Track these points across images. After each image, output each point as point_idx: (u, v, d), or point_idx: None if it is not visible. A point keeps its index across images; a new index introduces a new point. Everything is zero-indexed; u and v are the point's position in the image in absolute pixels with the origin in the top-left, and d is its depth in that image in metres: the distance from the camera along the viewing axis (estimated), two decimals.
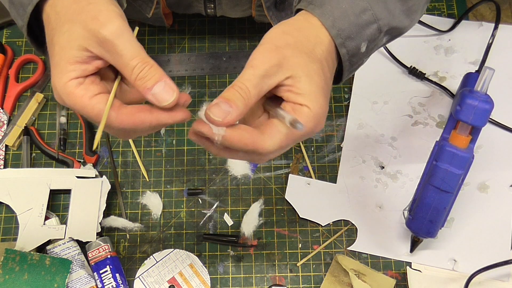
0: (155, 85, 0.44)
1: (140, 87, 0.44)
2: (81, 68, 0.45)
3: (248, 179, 0.81)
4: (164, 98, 0.44)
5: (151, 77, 0.44)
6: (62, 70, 0.45)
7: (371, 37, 0.52)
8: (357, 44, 0.51)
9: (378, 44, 0.55)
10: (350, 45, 0.51)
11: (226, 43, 0.90)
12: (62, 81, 0.45)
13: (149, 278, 0.75)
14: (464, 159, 0.66)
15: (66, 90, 0.45)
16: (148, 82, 0.44)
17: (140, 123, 0.45)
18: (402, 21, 0.56)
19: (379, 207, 0.79)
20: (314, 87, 0.47)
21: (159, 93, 0.44)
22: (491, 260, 0.72)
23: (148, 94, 0.44)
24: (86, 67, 0.45)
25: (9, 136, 0.82)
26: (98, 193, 0.77)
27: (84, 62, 0.45)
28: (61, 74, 0.45)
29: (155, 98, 0.44)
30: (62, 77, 0.45)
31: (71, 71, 0.45)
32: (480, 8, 0.92)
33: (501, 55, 0.86)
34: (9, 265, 0.70)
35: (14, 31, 0.90)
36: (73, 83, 0.45)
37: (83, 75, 0.45)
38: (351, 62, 0.52)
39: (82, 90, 0.45)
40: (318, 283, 0.75)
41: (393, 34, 0.57)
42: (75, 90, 0.45)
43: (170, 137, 0.84)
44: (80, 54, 0.45)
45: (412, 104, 0.84)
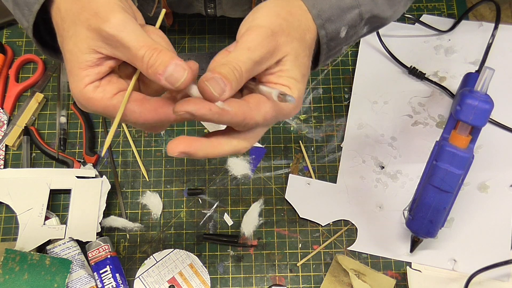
0: (165, 70, 0.43)
1: (152, 76, 0.43)
2: (94, 72, 0.44)
3: (248, 179, 0.81)
4: (176, 78, 0.43)
5: (160, 62, 0.43)
6: (76, 78, 0.44)
7: (352, 23, 0.52)
8: (337, 28, 0.51)
9: (358, 33, 0.55)
10: (330, 28, 0.50)
11: (226, 43, 0.90)
12: (79, 88, 0.44)
13: (149, 278, 0.75)
14: (464, 159, 0.66)
15: (84, 97, 0.44)
16: (159, 68, 0.43)
17: (165, 117, 0.44)
18: (384, 11, 0.56)
19: (379, 207, 0.79)
20: (298, 72, 0.47)
21: (171, 76, 0.43)
22: (491, 260, 0.73)
23: (161, 80, 0.43)
24: (99, 70, 0.44)
25: (9, 136, 0.82)
26: (98, 193, 0.77)
27: (96, 65, 0.44)
28: (76, 81, 0.44)
29: (168, 82, 0.43)
30: (78, 84, 0.44)
31: (85, 76, 0.44)
32: (480, 8, 0.92)
33: (501, 55, 0.86)
34: (9, 265, 0.70)
35: (14, 31, 0.90)
36: (89, 88, 0.44)
37: (98, 78, 0.45)
38: (329, 46, 0.52)
39: (100, 93, 0.44)
40: (318, 283, 0.75)
41: (374, 24, 0.57)
42: (93, 94, 0.44)
43: (170, 137, 0.84)
44: (90, 57, 0.44)
45: (412, 104, 0.84)
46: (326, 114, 0.85)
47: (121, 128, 0.84)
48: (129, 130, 0.84)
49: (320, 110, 0.85)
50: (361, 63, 0.87)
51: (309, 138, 0.83)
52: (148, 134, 0.84)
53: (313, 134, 0.84)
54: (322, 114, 0.85)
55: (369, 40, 0.88)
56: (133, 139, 0.83)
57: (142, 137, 0.84)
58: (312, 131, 0.84)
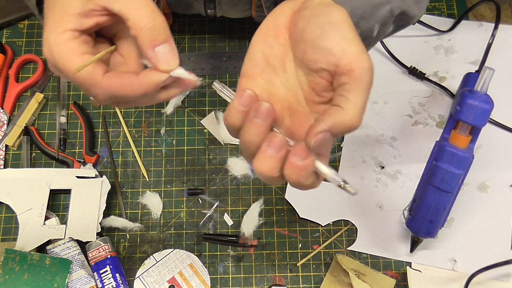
0: (162, 44, 0.42)
1: (145, 39, 0.41)
2: (79, 20, 0.42)
3: (248, 179, 0.81)
4: (166, 60, 0.42)
5: (161, 32, 0.42)
6: (59, 20, 0.42)
7: (384, 20, 0.50)
8: (371, 26, 0.48)
9: (385, 32, 0.53)
10: (364, 26, 0.48)
11: (226, 43, 0.90)
12: (57, 31, 0.42)
13: (149, 278, 0.75)
14: (464, 159, 0.66)
15: (58, 40, 0.42)
16: (158, 36, 0.41)
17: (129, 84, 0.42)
18: (411, 7, 0.54)
19: (379, 207, 0.79)
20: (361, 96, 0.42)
21: (164, 53, 0.41)
22: (491, 260, 0.73)
23: (151, 50, 0.41)
24: (84, 21, 0.43)
25: (9, 136, 0.82)
26: (98, 193, 0.77)
27: (84, 16, 0.43)
28: (57, 23, 0.42)
29: (156, 57, 0.41)
30: (58, 26, 0.42)
31: (68, 21, 0.42)
32: (480, 8, 0.92)
33: (501, 55, 0.86)
34: (9, 265, 0.70)
35: (14, 31, 0.90)
36: (68, 34, 0.42)
37: (80, 28, 0.43)
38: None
39: (75, 44, 0.42)
40: (318, 283, 0.75)
41: (399, 23, 0.55)
42: (67, 41, 0.42)
43: (170, 137, 0.84)
44: (83, 5, 0.42)
45: (412, 104, 0.84)
46: None
47: (121, 128, 0.84)
48: (129, 130, 0.84)
49: None
50: None
51: None
52: (148, 134, 0.84)
53: None
54: None
55: None
56: (133, 139, 0.83)
57: (142, 137, 0.84)
58: None
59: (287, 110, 0.45)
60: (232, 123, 0.42)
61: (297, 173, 0.41)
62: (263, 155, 0.41)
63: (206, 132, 0.84)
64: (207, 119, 0.84)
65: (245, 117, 0.42)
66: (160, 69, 0.42)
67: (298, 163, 0.41)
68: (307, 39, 0.42)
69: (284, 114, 0.44)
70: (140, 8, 0.41)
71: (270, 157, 0.41)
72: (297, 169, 0.41)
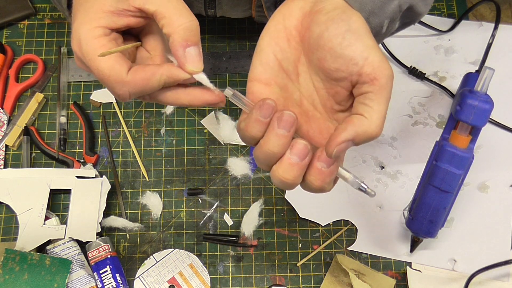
0: (193, 46, 0.42)
1: (179, 38, 0.42)
2: (111, 18, 0.43)
3: (248, 179, 0.81)
4: (194, 62, 0.42)
5: (195, 34, 0.42)
6: (92, 16, 0.43)
7: (392, 15, 0.49)
8: (381, 22, 0.48)
9: (392, 28, 0.53)
10: (374, 22, 0.47)
11: (226, 43, 0.90)
12: (89, 26, 0.43)
13: (149, 278, 0.75)
14: (464, 159, 0.66)
15: (90, 34, 0.43)
16: (192, 37, 0.42)
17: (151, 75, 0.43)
18: (418, 3, 0.53)
19: (379, 207, 0.79)
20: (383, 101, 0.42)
21: (193, 55, 0.42)
22: (491, 260, 0.73)
23: (182, 49, 0.42)
24: (116, 19, 0.43)
25: (9, 136, 0.82)
26: (98, 193, 0.77)
27: (117, 14, 0.43)
28: (89, 18, 0.43)
29: (184, 57, 0.42)
30: (90, 21, 0.43)
31: (101, 18, 0.43)
32: (480, 8, 0.92)
33: (501, 55, 0.86)
34: (9, 265, 0.70)
35: (14, 31, 0.90)
36: (99, 30, 0.43)
37: (111, 26, 0.43)
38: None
39: (104, 41, 0.43)
40: (318, 283, 0.75)
41: (406, 20, 0.55)
42: (98, 37, 0.43)
43: (170, 137, 0.84)
44: (117, 4, 0.43)
45: (412, 104, 0.84)
46: None
47: (121, 128, 0.84)
48: (129, 130, 0.84)
49: None
50: None
51: None
52: (148, 134, 0.84)
53: None
54: None
55: None
56: (133, 139, 0.83)
57: (142, 137, 0.84)
58: None
59: (304, 116, 0.44)
60: (252, 135, 0.42)
61: (322, 179, 0.41)
62: (288, 163, 0.40)
63: (206, 132, 0.84)
64: (207, 119, 0.84)
65: (266, 128, 0.41)
66: (186, 69, 0.43)
67: (324, 169, 0.41)
68: (326, 47, 0.41)
69: (301, 120, 0.44)
70: (178, 9, 0.42)
71: (295, 165, 0.40)
72: (323, 175, 0.41)
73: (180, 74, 0.43)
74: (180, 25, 0.42)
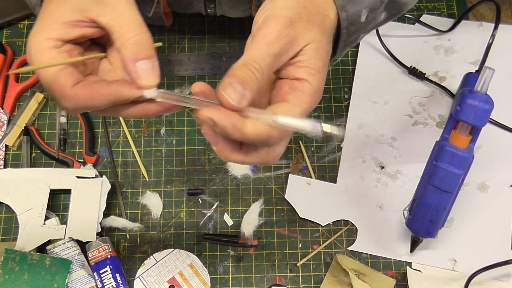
0: (145, 59, 0.41)
1: (128, 52, 0.41)
2: (65, 30, 0.42)
3: (248, 179, 0.81)
4: (146, 77, 0.40)
5: (146, 48, 0.41)
6: (44, 26, 0.42)
7: (372, 5, 0.50)
8: (358, 10, 0.48)
9: (376, 18, 0.53)
10: (351, 10, 0.47)
11: (226, 43, 0.90)
12: (40, 37, 0.42)
13: (149, 278, 0.75)
14: (464, 159, 0.66)
15: (40, 46, 0.42)
16: (141, 52, 0.40)
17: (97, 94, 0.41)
18: None
19: (379, 207, 0.79)
20: (320, 62, 0.43)
21: (144, 69, 0.40)
22: (491, 260, 0.73)
23: (132, 64, 0.40)
24: (70, 31, 0.42)
25: (9, 136, 0.82)
26: (98, 193, 0.77)
27: (71, 25, 0.42)
28: (42, 29, 0.42)
29: (136, 72, 0.40)
30: (42, 32, 0.42)
31: (54, 29, 0.42)
32: (480, 8, 0.92)
33: (501, 55, 0.86)
34: (9, 265, 0.70)
35: (14, 31, 0.90)
36: (50, 42, 0.42)
37: (64, 38, 0.42)
38: (349, 31, 0.49)
39: (54, 53, 0.42)
40: (318, 283, 0.75)
41: (392, 11, 0.55)
42: (47, 49, 0.42)
43: (170, 137, 0.84)
44: (72, 15, 0.42)
45: (412, 104, 0.84)
46: (326, 114, 0.85)
47: (121, 128, 0.84)
48: (129, 130, 0.84)
49: (320, 110, 0.85)
50: (361, 63, 0.87)
51: (309, 138, 0.83)
52: (148, 134, 0.84)
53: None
54: (322, 114, 0.85)
55: (369, 40, 0.88)
56: (133, 139, 0.83)
57: (142, 137, 0.84)
58: None
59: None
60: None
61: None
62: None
63: None
64: None
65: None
66: (138, 84, 0.41)
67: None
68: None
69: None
70: (127, 22, 0.41)
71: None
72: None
73: (130, 93, 0.41)
74: (129, 39, 0.41)
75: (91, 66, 0.46)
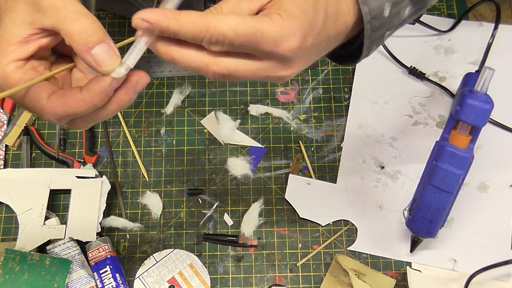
0: (97, 45, 0.39)
1: (78, 44, 0.39)
2: (21, 49, 0.41)
3: (248, 179, 0.81)
4: (105, 61, 0.39)
5: (93, 33, 0.39)
6: (2, 52, 0.41)
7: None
8: (381, 4, 0.46)
9: (400, 14, 0.51)
10: (373, 4, 0.46)
11: None
12: (2, 64, 0.41)
13: (149, 278, 0.75)
14: (464, 159, 0.66)
15: (4, 73, 0.41)
16: (90, 38, 0.39)
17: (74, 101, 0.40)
18: None
19: (379, 207, 0.79)
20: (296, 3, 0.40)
21: (101, 54, 0.39)
22: (491, 260, 0.72)
23: (87, 54, 0.39)
24: (26, 48, 0.41)
25: (9, 136, 0.82)
26: (98, 193, 0.77)
27: (25, 42, 0.41)
28: (0, 56, 0.41)
29: (94, 60, 0.39)
30: (1, 60, 0.41)
31: (11, 52, 0.41)
32: (480, 8, 0.92)
33: (501, 55, 0.86)
34: (9, 265, 0.70)
35: None
36: (11, 66, 0.41)
37: (23, 56, 0.41)
38: (373, 26, 0.47)
39: (19, 74, 0.41)
40: (318, 283, 0.75)
41: (417, 5, 0.53)
42: (12, 73, 0.41)
43: (170, 137, 0.84)
44: (22, 32, 0.41)
45: (412, 104, 0.84)
46: (326, 114, 0.85)
47: (121, 128, 0.84)
48: (129, 130, 0.84)
49: (320, 110, 0.85)
50: (361, 63, 0.87)
51: (309, 138, 0.83)
52: (148, 134, 0.84)
53: (313, 134, 0.84)
54: (322, 114, 0.85)
55: None
56: (133, 139, 0.83)
57: (142, 137, 0.84)
58: (312, 131, 0.84)
59: None
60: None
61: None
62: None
63: (206, 132, 0.84)
64: (207, 119, 0.84)
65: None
66: (102, 72, 0.40)
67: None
68: None
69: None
70: (68, 15, 0.40)
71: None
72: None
73: (100, 84, 0.40)
74: (73, 31, 0.39)
75: (61, 80, 0.45)
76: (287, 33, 0.40)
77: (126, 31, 0.89)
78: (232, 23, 0.39)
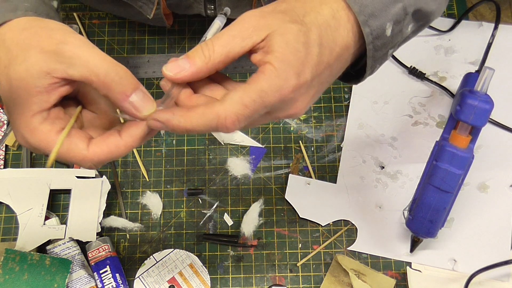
0: (134, 92, 0.41)
1: (116, 93, 0.41)
2: (43, 99, 0.41)
3: (248, 179, 0.81)
4: (144, 107, 0.41)
5: (129, 82, 0.41)
6: (24, 105, 0.41)
7: (396, 18, 0.49)
8: (382, 24, 0.47)
9: (403, 31, 0.52)
10: (374, 24, 0.47)
11: None
12: (25, 117, 0.41)
13: (149, 278, 0.75)
14: (464, 159, 0.66)
15: (30, 127, 0.41)
16: (128, 86, 0.41)
17: (116, 148, 0.42)
18: (428, 3, 0.52)
19: (379, 207, 0.79)
20: (284, 45, 0.42)
21: (138, 101, 0.41)
22: (491, 260, 0.73)
23: (126, 101, 0.41)
24: (48, 98, 0.41)
25: (9, 136, 0.82)
26: (98, 193, 0.77)
27: (46, 92, 0.41)
28: (22, 109, 0.41)
29: (133, 107, 0.41)
30: (25, 112, 0.41)
31: (33, 104, 0.40)
32: (480, 8, 0.92)
33: (501, 55, 0.86)
34: (9, 265, 0.70)
35: None
36: (37, 118, 0.41)
37: (47, 107, 0.41)
38: (375, 46, 0.48)
39: (48, 125, 0.41)
40: (318, 283, 0.75)
41: (419, 22, 0.54)
42: (40, 125, 0.41)
43: (170, 137, 0.84)
44: (41, 82, 0.40)
45: (412, 104, 0.84)
46: (326, 114, 0.85)
47: None
48: None
49: (320, 110, 0.85)
50: None
51: (309, 138, 0.83)
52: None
53: (313, 134, 0.84)
54: (322, 114, 0.85)
55: None
56: None
57: None
58: (312, 131, 0.84)
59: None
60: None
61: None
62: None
63: None
64: None
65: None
66: (142, 117, 0.42)
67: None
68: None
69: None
70: (100, 67, 0.40)
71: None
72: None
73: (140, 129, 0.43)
74: (110, 82, 0.40)
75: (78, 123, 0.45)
76: (284, 79, 0.42)
77: (126, 31, 0.89)
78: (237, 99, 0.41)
